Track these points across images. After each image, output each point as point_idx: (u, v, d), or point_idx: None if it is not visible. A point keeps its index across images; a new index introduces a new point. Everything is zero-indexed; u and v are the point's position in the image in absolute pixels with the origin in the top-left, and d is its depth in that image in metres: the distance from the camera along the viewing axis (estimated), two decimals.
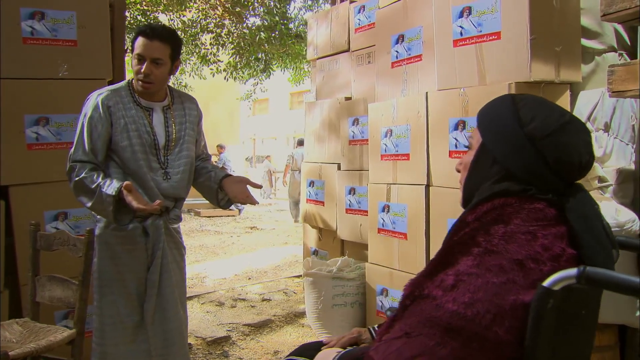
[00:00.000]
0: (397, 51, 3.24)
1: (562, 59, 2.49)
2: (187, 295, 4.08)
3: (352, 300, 3.46)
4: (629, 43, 2.63)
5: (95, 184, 2.12)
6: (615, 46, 2.61)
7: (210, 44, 7.18)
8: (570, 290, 0.98)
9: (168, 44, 2.21)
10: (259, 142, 28.57)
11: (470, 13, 2.63)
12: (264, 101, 25.86)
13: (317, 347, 1.51)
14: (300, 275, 5.02)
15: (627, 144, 2.52)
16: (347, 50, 4.01)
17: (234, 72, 7.49)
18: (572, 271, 0.95)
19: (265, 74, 7.79)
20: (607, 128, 2.51)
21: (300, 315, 3.98)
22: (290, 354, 1.51)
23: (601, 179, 2.48)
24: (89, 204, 2.19)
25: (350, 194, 3.80)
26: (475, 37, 2.62)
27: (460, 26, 2.69)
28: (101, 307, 2.26)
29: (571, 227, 1.06)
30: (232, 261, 6.41)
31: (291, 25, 7.03)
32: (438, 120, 2.84)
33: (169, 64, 2.25)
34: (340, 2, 4.99)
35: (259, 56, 7.37)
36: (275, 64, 7.85)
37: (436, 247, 2.80)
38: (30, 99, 3.02)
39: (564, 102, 2.56)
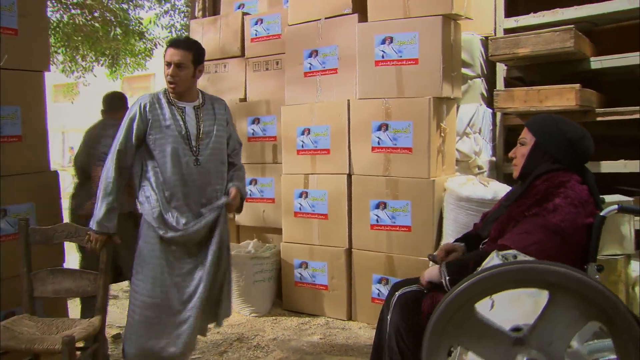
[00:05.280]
0: (310, 63, 3.90)
1: (454, 82, 3.51)
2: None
3: (269, 276, 3.99)
4: (485, 72, 3.81)
5: (102, 197, 2.53)
6: (480, 74, 3.75)
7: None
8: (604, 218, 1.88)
9: (190, 51, 2.57)
10: None
11: (392, 42, 3.47)
12: None
13: (410, 282, 2.15)
14: None
15: (488, 143, 3.68)
16: (239, 57, 4.47)
17: (70, 65, 6.94)
18: (615, 206, 1.85)
19: (112, 69, 7.42)
20: (480, 132, 3.63)
21: None
22: (396, 287, 2.12)
23: (479, 167, 3.58)
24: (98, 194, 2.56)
25: (250, 184, 4.29)
26: (396, 61, 3.47)
27: (382, 50, 3.51)
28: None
29: (589, 187, 1.97)
30: None
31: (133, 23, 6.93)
32: (361, 122, 3.60)
33: (192, 67, 2.59)
34: (201, 16, 5.35)
35: (106, 52, 7.04)
36: (120, 59, 7.56)
37: (359, 222, 3.58)
38: None
39: (453, 113, 3.60)
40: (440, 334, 0.75)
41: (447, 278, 1.88)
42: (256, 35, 4.36)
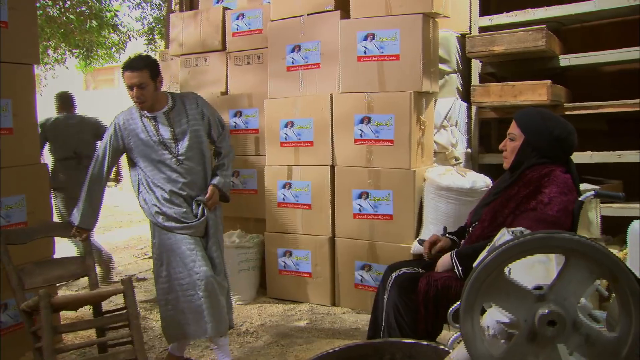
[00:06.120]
0: (293, 58, 4.01)
1: (433, 77, 3.69)
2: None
3: (253, 265, 4.11)
4: (460, 68, 4.00)
5: (85, 197, 2.78)
6: (456, 69, 3.94)
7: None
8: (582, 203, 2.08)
9: (146, 69, 2.71)
10: None
11: (374, 38, 3.61)
12: None
13: (405, 264, 2.31)
14: None
15: (464, 135, 3.88)
16: (220, 50, 4.55)
17: (41, 57, 6.82)
18: (592, 192, 2.05)
19: (88, 60, 7.33)
20: (457, 125, 3.82)
21: None
22: (391, 269, 2.27)
23: (456, 158, 3.77)
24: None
25: (233, 176, 4.39)
26: (378, 57, 3.62)
27: (364, 47, 3.65)
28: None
29: (572, 176, 2.17)
30: None
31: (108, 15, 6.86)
32: (343, 115, 3.74)
33: (152, 83, 2.75)
34: (178, 10, 5.38)
35: (80, 44, 6.94)
36: (92, 52, 7.46)
37: (342, 211, 3.73)
38: None
39: (432, 106, 3.77)
40: (476, 294, 0.90)
41: (461, 268, 2.07)
42: (237, 29, 4.44)
